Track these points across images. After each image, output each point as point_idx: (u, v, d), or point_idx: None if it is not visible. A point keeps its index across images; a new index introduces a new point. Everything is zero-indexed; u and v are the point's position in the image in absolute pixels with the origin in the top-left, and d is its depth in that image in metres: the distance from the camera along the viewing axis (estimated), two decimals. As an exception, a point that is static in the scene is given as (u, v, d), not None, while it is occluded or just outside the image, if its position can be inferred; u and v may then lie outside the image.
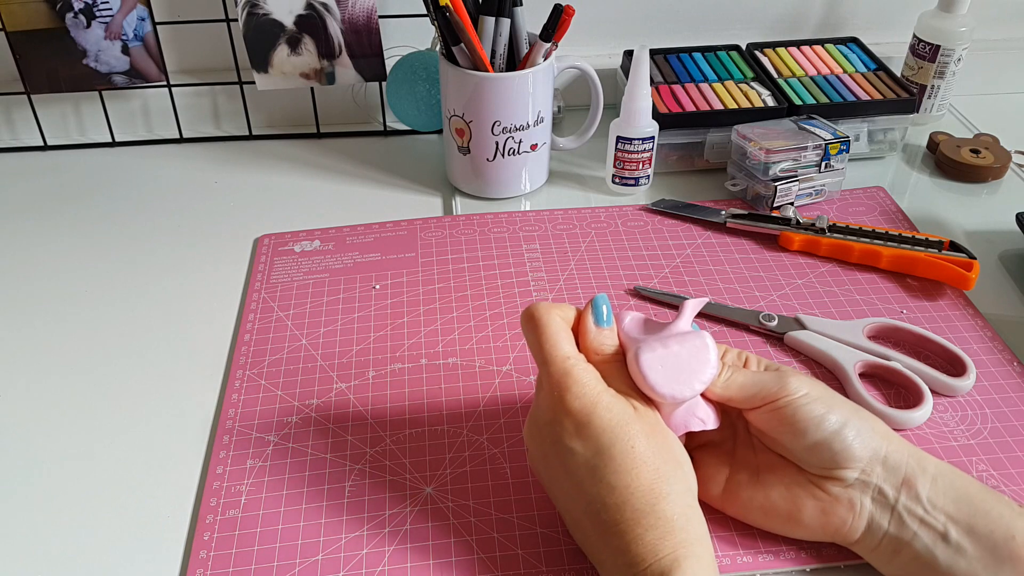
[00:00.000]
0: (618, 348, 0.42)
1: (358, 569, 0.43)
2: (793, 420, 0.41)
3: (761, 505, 0.43)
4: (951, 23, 0.75)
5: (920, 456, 0.41)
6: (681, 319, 0.43)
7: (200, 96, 0.80)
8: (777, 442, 0.42)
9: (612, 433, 0.38)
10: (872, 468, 0.40)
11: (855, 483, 0.40)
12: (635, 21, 0.83)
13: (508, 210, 0.70)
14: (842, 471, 0.40)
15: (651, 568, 0.36)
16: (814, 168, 0.67)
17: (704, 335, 0.42)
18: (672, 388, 0.40)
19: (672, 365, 0.40)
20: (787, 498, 0.42)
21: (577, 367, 0.40)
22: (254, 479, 0.47)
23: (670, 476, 0.38)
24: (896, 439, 0.41)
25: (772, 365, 0.44)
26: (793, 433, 0.41)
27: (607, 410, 0.39)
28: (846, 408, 0.41)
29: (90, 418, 0.52)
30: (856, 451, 0.40)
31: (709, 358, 0.41)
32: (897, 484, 0.40)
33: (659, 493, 0.37)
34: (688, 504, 0.38)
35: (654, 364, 0.40)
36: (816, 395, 0.41)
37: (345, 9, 0.72)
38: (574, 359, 0.40)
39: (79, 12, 0.71)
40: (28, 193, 0.73)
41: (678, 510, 0.37)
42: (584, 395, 0.39)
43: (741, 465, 0.44)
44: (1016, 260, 0.64)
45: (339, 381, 0.53)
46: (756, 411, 0.42)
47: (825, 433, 0.40)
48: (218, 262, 0.65)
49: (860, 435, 0.40)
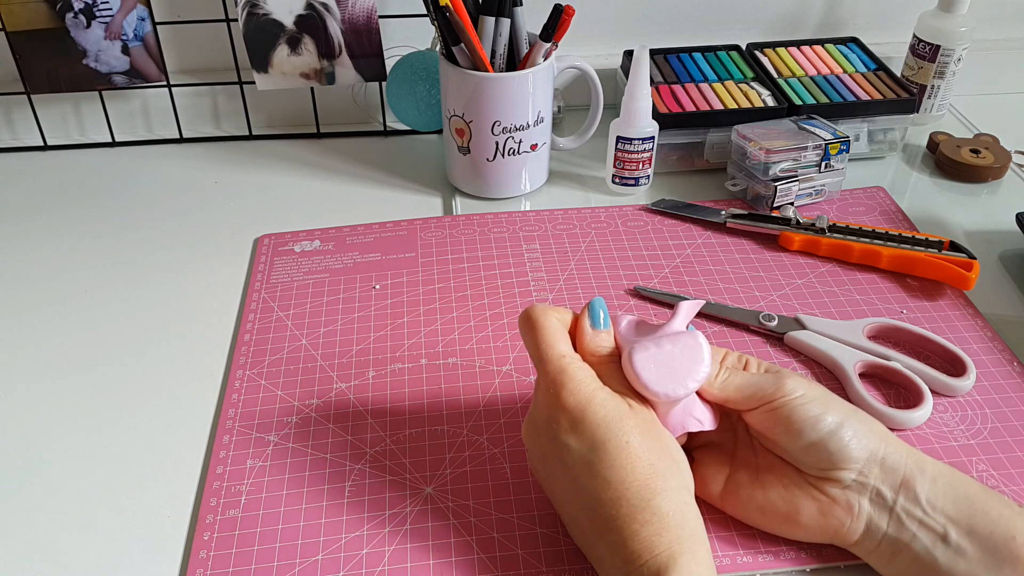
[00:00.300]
0: (614, 350, 0.43)
1: (358, 569, 0.43)
2: (789, 421, 0.41)
3: (760, 505, 0.43)
4: (951, 23, 0.75)
5: (919, 457, 0.41)
6: (675, 320, 0.43)
7: (200, 96, 0.80)
8: (775, 443, 0.42)
9: (607, 428, 0.38)
10: (869, 470, 0.40)
11: (852, 485, 0.40)
12: (635, 21, 0.83)
13: (508, 210, 0.70)
14: (839, 472, 0.40)
15: (647, 565, 0.36)
16: (814, 168, 0.67)
17: (697, 334, 0.42)
18: (665, 386, 0.40)
19: (665, 364, 0.40)
20: (785, 499, 0.42)
21: (572, 365, 0.40)
22: (254, 479, 0.47)
23: (666, 472, 0.38)
24: (894, 440, 0.41)
25: (772, 367, 0.44)
26: (789, 434, 0.41)
27: (602, 406, 0.39)
28: (843, 409, 0.41)
29: (90, 418, 0.52)
30: (853, 452, 0.40)
31: (703, 357, 0.41)
32: (895, 485, 0.40)
33: (654, 489, 0.38)
34: (684, 501, 0.38)
35: (647, 363, 0.40)
36: (813, 396, 0.41)
37: (345, 9, 0.72)
38: (569, 358, 0.41)
39: (79, 12, 0.71)
40: (28, 193, 0.73)
41: (674, 506, 0.38)
42: (579, 391, 0.39)
43: (741, 465, 0.44)
44: (1016, 260, 0.64)
45: (339, 381, 0.53)
46: (753, 412, 0.42)
47: (821, 434, 0.40)
48: (218, 262, 0.65)
49: (857, 436, 0.40)
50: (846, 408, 0.42)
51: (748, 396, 0.42)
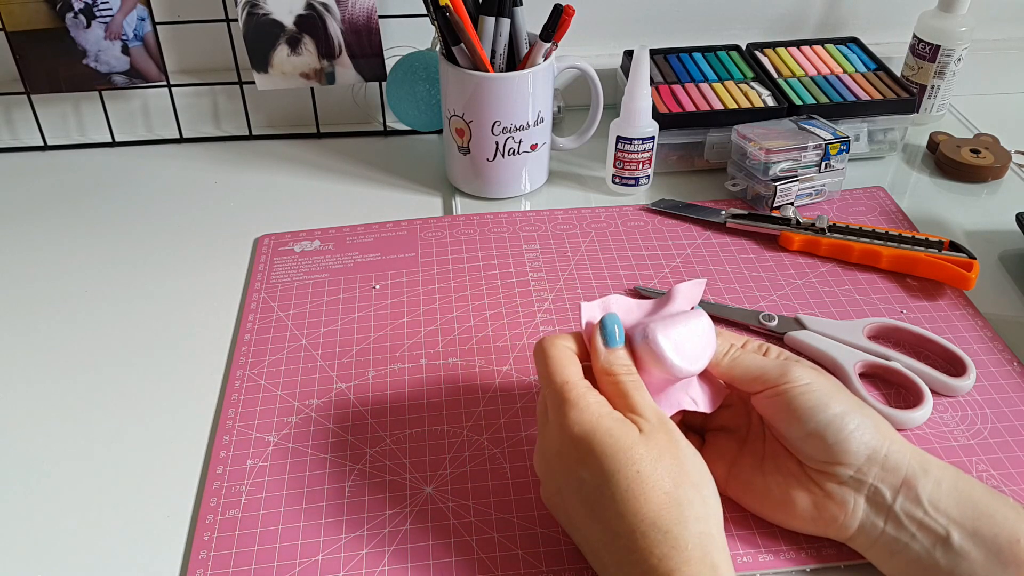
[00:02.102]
0: (631, 367, 0.42)
1: (358, 569, 0.43)
2: (791, 407, 0.41)
3: (759, 490, 0.43)
4: (951, 23, 0.75)
5: (923, 458, 0.41)
6: (675, 302, 0.44)
7: (200, 96, 0.80)
8: (778, 431, 0.42)
9: (615, 459, 0.37)
10: (869, 468, 0.40)
11: (849, 481, 0.40)
12: (635, 21, 0.83)
13: (508, 210, 0.70)
14: (837, 467, 0.40)
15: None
16: (814, 168, 0.67)
17: (703, 313, 0.43)
18: (685, 364, 0.41)
19: (682, 342, 0.41)
20: (782, 487, 0.42)
21: (575, 391, 0.40)
22: (254, 479, 0.47)
23: (684, 500, 0.37)
24: (898, 439, 0.41)
25: (790, 356, 0.44)
26: (790, 421, 0.41)
27: (607, 435, 0.38)
28: (848, 402, 0.41)
29: (90, 418, 0.52)
30: (852, 446, 0.40)
31: (711, 335, 0.43)
32: (896, 485, 0.40)
33: (672, 519, 0.36)
34: (706, 532, 0.37)
35: (667, 343, 0.41)
36: (818, 387, 0.41)
37: (345, 9, 0.72)
38: (572, 384, 0.40)
39: (79, 12, 0.71)
40: (28, 193, 0.73)
41: (694, 539, 0.36)
42: (582, 420, 0.39)
43: (749, 451, 0.44)
44: (1016, 260, 0.64)
45: (339, 381, 0.53)
46: (759, 396, 0.43)
47: (820, 423, 0.40)
48: (218, 262, 0.65)
49: (859, 430, 0.40)
50: (851, 401, 0.41)
51: (754, 377, 0.42)
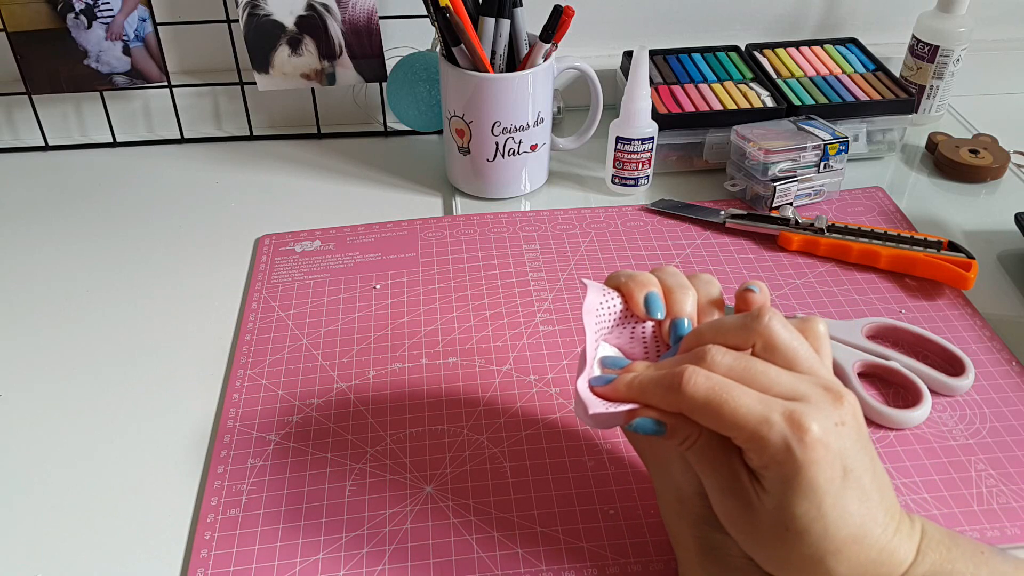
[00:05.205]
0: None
1: (358, 568, 0.43)
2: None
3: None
4: (950, 23, 0.75)
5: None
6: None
7: (201, 96, 0.80)
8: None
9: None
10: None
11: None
12: (635, 21, 0.83)
13: (508, 210, 0.70)
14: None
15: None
16: (813, 168, 0.67)
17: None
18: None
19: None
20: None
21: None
22: (255, 478, 0.47)
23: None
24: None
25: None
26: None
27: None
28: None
29: (91, 418, 0.52)
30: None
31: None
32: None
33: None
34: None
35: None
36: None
37: (345, 10, 0.72)
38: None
39: (80, 13, 0.71)
40: (29, 193, 0.74)
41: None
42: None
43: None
44: (1015, 260, 0.64)
45: (339, 381, 0.54)
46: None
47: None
48: (219, 262, 0.65)
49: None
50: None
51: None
